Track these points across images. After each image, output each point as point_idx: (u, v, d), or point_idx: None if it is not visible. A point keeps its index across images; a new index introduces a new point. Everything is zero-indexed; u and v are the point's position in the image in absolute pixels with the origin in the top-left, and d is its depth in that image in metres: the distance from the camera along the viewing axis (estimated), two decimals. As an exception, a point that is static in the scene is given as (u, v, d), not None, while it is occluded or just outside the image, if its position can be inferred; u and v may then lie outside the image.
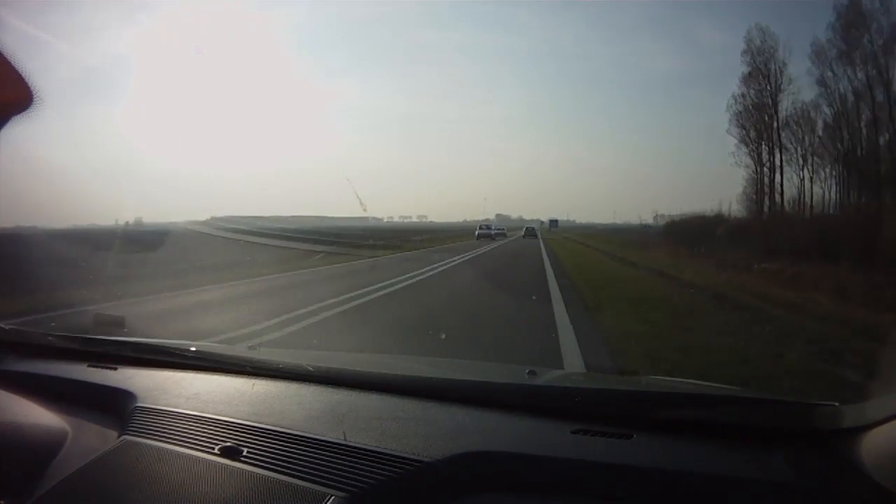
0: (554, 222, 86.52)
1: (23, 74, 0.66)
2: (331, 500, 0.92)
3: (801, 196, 22.98)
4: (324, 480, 0.97)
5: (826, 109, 21.98)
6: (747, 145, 24.52)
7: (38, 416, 1.25)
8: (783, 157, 23.15)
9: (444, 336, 4.86)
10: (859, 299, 7.91)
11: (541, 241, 33.21)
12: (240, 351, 1.87)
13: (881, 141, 19.64)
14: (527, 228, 51.87)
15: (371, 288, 8.63)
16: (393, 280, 9.95)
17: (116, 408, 1.32)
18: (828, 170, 22.63)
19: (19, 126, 0.69)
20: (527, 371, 1.45)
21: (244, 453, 1.06)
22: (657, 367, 3.96)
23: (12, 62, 0.65)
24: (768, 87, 23.23)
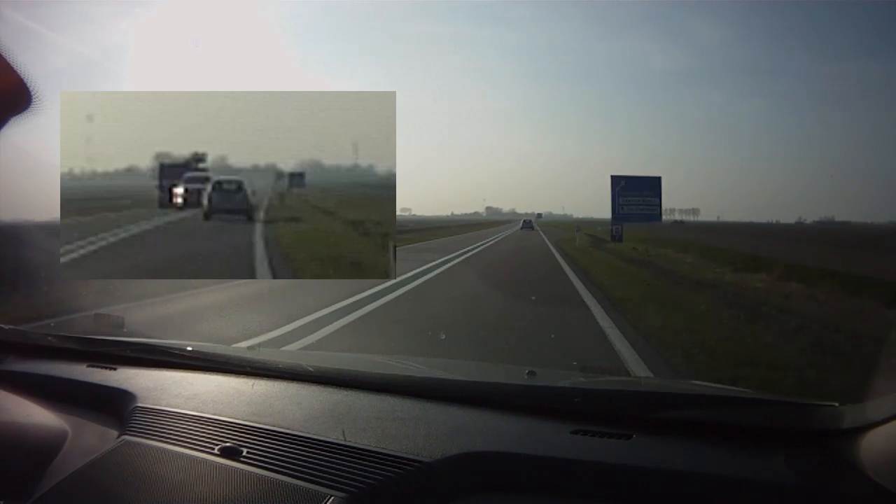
0: (631, 218, 21.61)
1: (22, 75, 0.66)
2: (330, 500, 0.92)
3: None
4: (323, 481, 0.97)
5: None
6: None
7: (38, 416, 1.25)
8: None
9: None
10: None
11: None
12: (239, 351, 1.87)
13: None
14: (524, 221, 55.82)
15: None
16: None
17: (116, 408, 1.33)
18: None
19: (19, 125, 0.69)
20: (526, 371, 1.45)
21: (244, 453, 1.06)
22: None
23: (12, 63, 0.65)
24: None
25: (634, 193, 20.32)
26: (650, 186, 20.74)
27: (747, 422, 1.09)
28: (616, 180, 20.35)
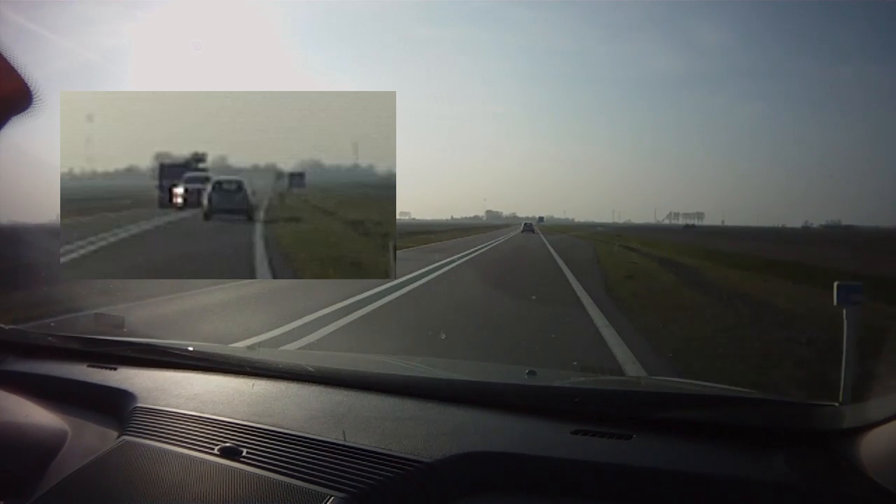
0: None
1: (23, 74, 0.66)
2: (330, 500, 0.92)
3: None
4: (323, 481, 0.97)
5: None
6: None
7: (38, 416, 1.25)
8: None
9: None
10: None
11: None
12: (239, 351, 1.87)
13: None
14: (525, 225, 54.71)
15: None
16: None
17: (116, 408, 1.32)
18: None
19: (19, 125, 0.69)
20: (526, 371, 1.45)
21: (244, 454, 1.06)
22: None
23: (12, 62, 0.65)
24: None
25: None
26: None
27: (747, 422, 1.09)
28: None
